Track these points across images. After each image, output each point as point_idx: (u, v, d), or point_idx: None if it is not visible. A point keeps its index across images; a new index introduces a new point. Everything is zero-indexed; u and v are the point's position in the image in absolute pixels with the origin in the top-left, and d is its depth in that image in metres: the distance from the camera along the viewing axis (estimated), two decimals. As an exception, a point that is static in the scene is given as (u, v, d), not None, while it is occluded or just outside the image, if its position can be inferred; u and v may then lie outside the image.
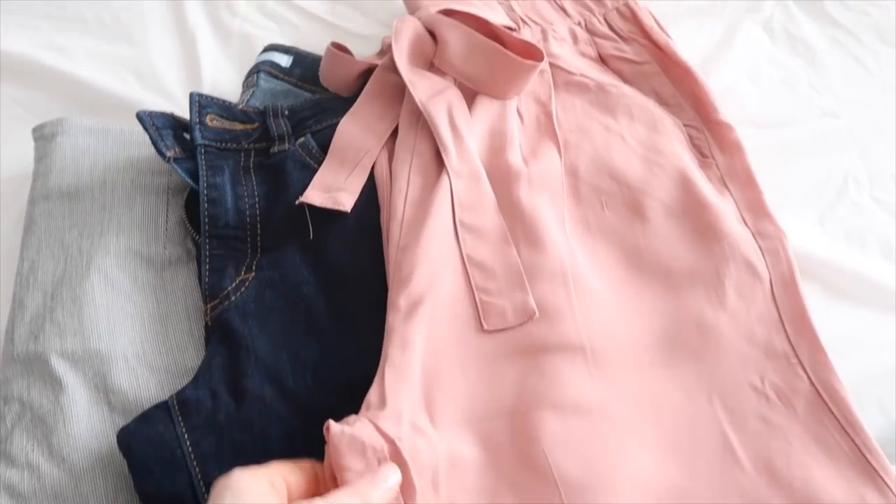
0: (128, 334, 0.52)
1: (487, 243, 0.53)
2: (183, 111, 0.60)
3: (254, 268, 0.53)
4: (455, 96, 0.58)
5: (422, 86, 0.57)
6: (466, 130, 0.56)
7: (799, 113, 0.65)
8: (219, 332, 0.51)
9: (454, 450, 0.46)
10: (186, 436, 0.46)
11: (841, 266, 0.57)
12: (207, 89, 0.69)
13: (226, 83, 0.70)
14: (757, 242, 0.55)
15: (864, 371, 0.55)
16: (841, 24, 0.70)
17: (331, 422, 0.42)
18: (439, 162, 0.56)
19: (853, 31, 0.70)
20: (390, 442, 0.43)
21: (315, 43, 0.72)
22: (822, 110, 0.65)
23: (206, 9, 0.75)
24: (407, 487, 0.43)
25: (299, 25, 0.74)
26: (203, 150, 0.55)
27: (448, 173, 0.54)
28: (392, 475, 0.41)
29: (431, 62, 0.60)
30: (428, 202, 0.53)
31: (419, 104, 0.56)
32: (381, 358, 0.48)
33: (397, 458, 0.42)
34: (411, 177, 0.55)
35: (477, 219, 0.54)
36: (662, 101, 0.63)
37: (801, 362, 0.51)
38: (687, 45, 0.65)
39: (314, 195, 0.54)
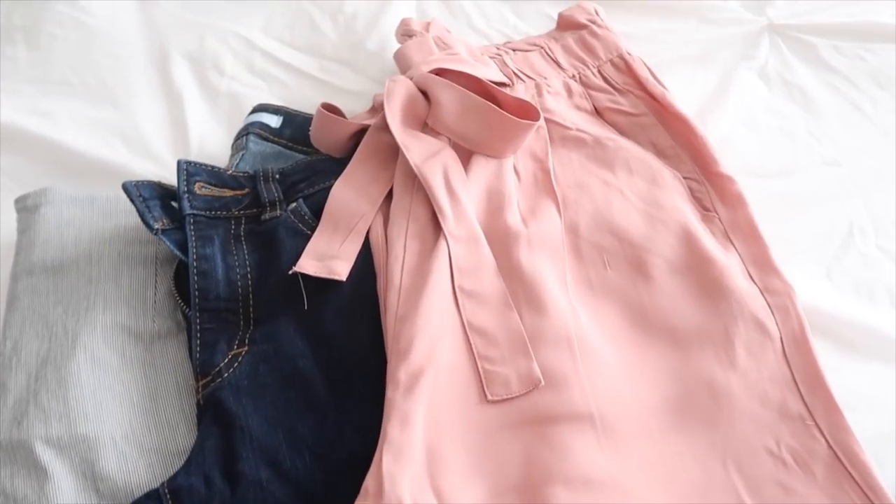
0: (116, 414, 0.51)
1: (488, 308, 0.52)
2: (171, 174, 0.60)
3: (247, 341, 0.52)
4: (450, 158, 0.57)
5: (416, 148, 0.57)
6: (463, 192, 0.56)
7: (799, 161, 0.65)
8: (211, 412, 0.49)
9: None
10: (180, 526, 0.45)
11: (850, 320, 0.57)
12: (195, 152, 0.69)
13: (214, 145, 0.70)
14: (765, 299, 0.54)
15: (878, 428, 0.54)
16: (836, 70, 0.71)
17: None
18: (436, 226, 0.55)
19: (849, 76, 0.70)
20: None
21: (305, 101, 0.72)
22: (822, 158, 0.65)
23: (192, 69, 0.75)
24: None
25: (288, 83, 0.75)
26: (192, 220, 0.55)
27: (446, 238, 0.54)
28: None
29: (425, 122, 0.60)
30: (426, 269, 0.53)
31: (414, 167, 0.56)
32: (380, 437, 0.46)
33: None
34: (408, 242, 0.54)
35: (477, 284, 0.53)
36: (661, 154, 0.63)
37: (816, 424, 0.50)
38: (681, 94, 0.65)
39: (308, 264, 0.53)
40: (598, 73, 0.68)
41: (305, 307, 0.53)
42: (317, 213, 0.58)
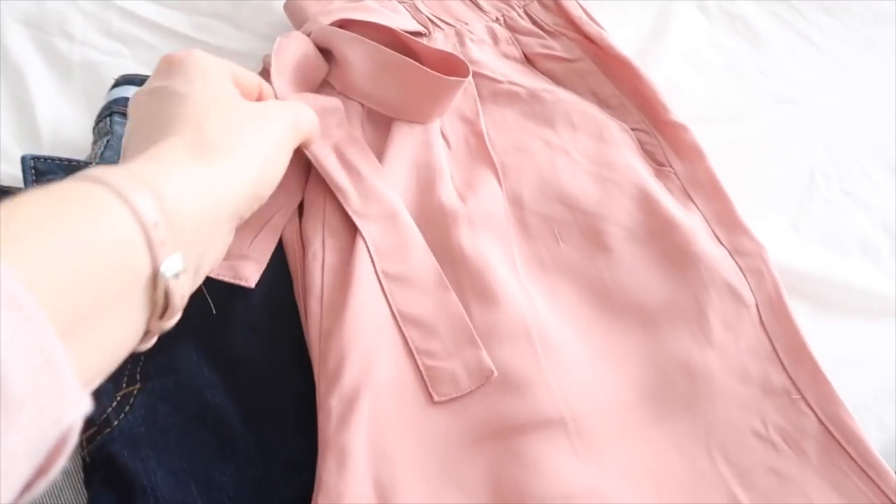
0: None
1: (421, 292, 0.46)
2: (18, 166, 0.49)
3: (138, 377, 0.44)
4: (341, 128, 0.49)
5: None
6: (365, 165, 0.48)
7: (750, 103, 0.61)
8: (102, 472, 0.41)
9: None
10: None
11: (823, 275, 0.54)
12: (48, 140, 0.58)
13: (71, 129, 0.59)
14: (735, 262, 0.50)
15: (861, 388, 0.52)
16: (781, -2, 0.66)
17: None
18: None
19: (794, 3, 0.66)
20: None
21: (179, 66, 0.62)
22: (774, 97, 0.61)
23: (32, 36, 0.63)
24: None
25: (156, 45, 0.64)
26: (50, 232, 0.44)
27: (354, 221, 0.46)
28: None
29: (326, 83, 0.51)
30: (348, 266, 0.45)
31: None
32: (315, 481, 0.40)
33: None
34: (326, 239, 0.47)
35: (402, 265, 0.46)
36: (603, 104, 0.57)
37: (803, 397, 0.46)
38: (616, 35, 0.59)
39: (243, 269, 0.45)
40: (525, 14, 0.61)
41: (213, 312, 0.44)
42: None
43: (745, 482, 0.44)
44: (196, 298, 0.44)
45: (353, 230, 0.47)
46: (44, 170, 0.46)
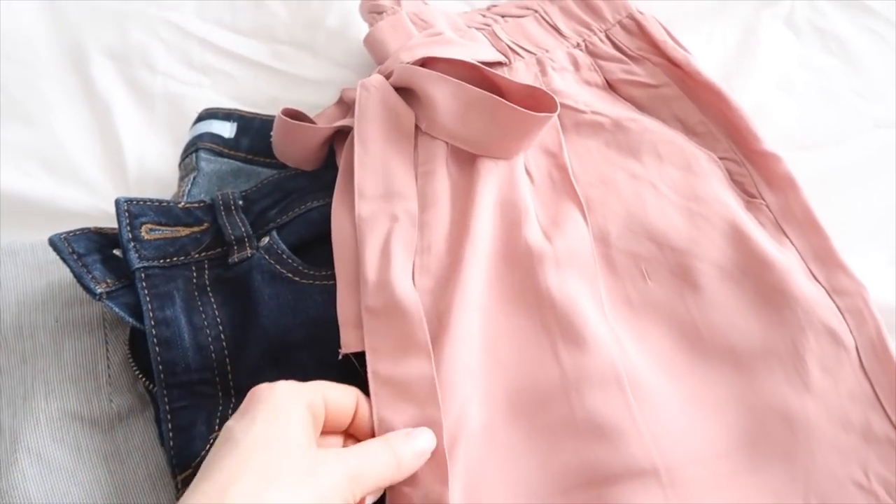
0: (78, 526, 0.43)
1: None
2: (108, 204, 0.51)
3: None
4: (407, 214, 0.49)
5: (372, 190, 0.49)
6: (401, 258, 0.47)
7: (846, 127, 0.59)
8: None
9: None
10: None
11: (929, 314, 0.51)
12: (134, 172, 0.60)
13: (155, 160, 0.61)
14: (834, 302, 0.48)
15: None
16: (875, 12, 0.64)
17: None
18: (454, 249, 0.48)
19: (891, 18, 0.63)
20: None
21: (259, 95, 0.64)
22: (872, 120, 0.59)
23: (117, 68, 0.65)
24: None
25: (236, 75, 0.65)
26: (143, 276, 0.46)
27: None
28: (425, 438, 0.41)
29: (417, 128, 0.51)
30: (446, 309, 0.45)
31: (357, 218, 0.48)
32: None
33: None
34: (416, 278, 0.47)
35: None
36: (690, 132, 0.56)
37: (908, 446, 0.45)
38: (700, 55, 0.58)
39: (353, 338, 0.45)
40: (607, 39, 0.60)
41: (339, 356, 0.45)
42: (294, 247, 0.50)
43: (846, 535, 0.43)
44: (283, 342, 0.46)
45: (452, 266, 0.47)
46: (136, 213, 0.48)
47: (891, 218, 0.55)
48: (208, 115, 0.58)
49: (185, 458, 0.43)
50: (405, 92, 0.52)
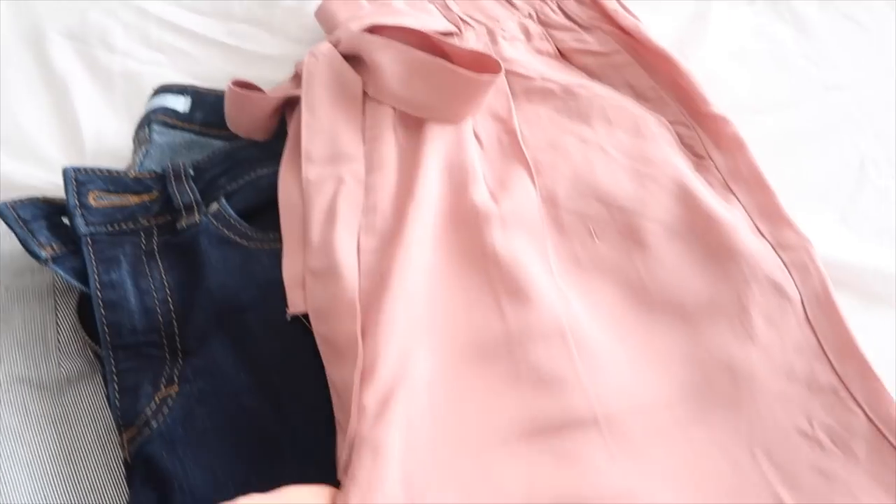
0: (26, 488, 0.44)
1: None
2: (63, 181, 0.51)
3: (176, 379, 0.45)
4: (353, 176, 0.50)
5: (319, 153, 0.50)
6: (350, 216, 0.49)
7: (797, 91, 0.60)
8: (142, 472, 0.43)
9: None
10: None
11: (874, 268, 0.52)
12: (91, 149, 0.60)
13: (113, 137, 0.61)
14: (779, 257, 0.49)
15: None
16: (825, -22, 0.65)
17: None
18: (399, 210, 0.48)
19: (841, -14, 0.65)
20: None
21: (217, 73, 0.64)
22: (822, 84, 0.60)
23: (75, 48, 0.66)
24: None
25: (193, 54, 0.66)
26: (90, 241, 0.47)
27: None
28: None
29: (364, 94, 0.52)
30: (389, 262, 0.46)
31: (304, 181, 0.49)
32: (347, 478, 0.41)
33: None
34: (361, 238, 0.48)
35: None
36: (641, 97, 0.57)
37: (852, 395, 0.46)
38: (654, 25, 0.59)
39: (299, 299, 0.46)
40: (559, 9, 0.61)
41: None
42: (243, 214, 0.50)
43: (790, 483, 0.44)
44: (231, 304, 0.47)
45: (397, 225, 0.48)
46: (84, 180, 0.49)
47: (841, 177, 0.56)
48: (163, 89, 0.59)
49: (130, 416, 0.44)
50: (353, 60, 0.53)
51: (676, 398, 0.46)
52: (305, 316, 0.46)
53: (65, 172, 0.48)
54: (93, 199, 0.48)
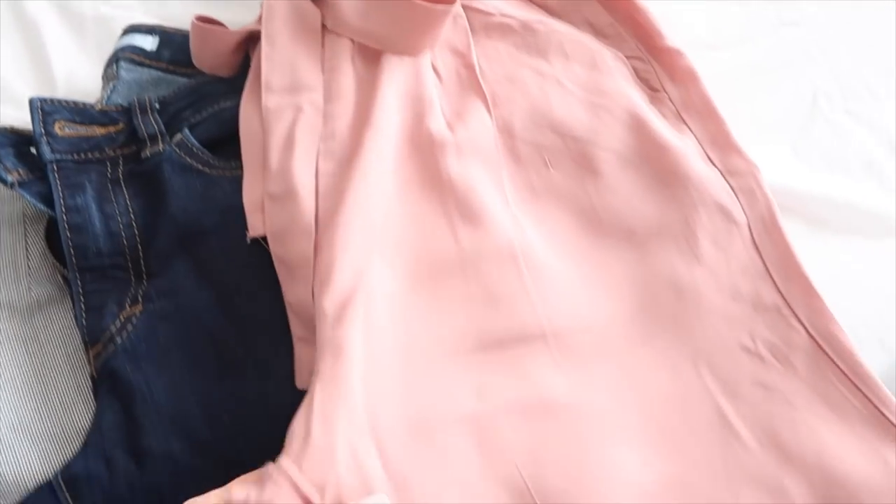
0: (-3, 403, 0.46)
1: None
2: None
3: (140, 299, 0.47)
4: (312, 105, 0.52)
5: (279, 83, 0.51)
6: (305, 144, 0.50)
7: (753, 26, 0.61)
8: (107, 384, 0.45)
9: (407, 476, 0.41)
10: (80, 521, 0.40)
11: (823, 195, 0.54)
12: (63, 91, 0.62)
13: (84, 79, 0.63)
14: (727, 182, 0.51)
15: (861, 307, 0.52)
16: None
17: (232, 490, 0.36)
18: (357, 137, 0.50)
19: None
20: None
21: (187, 18, 0.65)
22: (779, 19, 0.61)
23: (47, -8, 0.67)
24: None
25: (165, -1, 0.67)
26: (55, 167, 0.48)
27: None
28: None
29: (322, 29, 0.54)
30: (345, 176, 0.48)
31: (263, 109, 0.51)
32: (313, 376, 0.42)
33: None
34: (320, 163, 0.49)
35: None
36: (599, 34, 0.58)
37: (794, 312, 0.47)
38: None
39: (258, 222, 0.48)
40: (519, -52, 0.62)
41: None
42: (206, 143, 0.52)
43: (731, 394, 0.45)
44: (193, 228, 0.48)
45: (353, 151, 0.49)
46: (49, 111, 0.50)
47: (794, 111, 0.58)
48: (132, 29, 0.60)
49: (96, 334, 0.46)
50: None
51: (624, 317, 0.48)
52: (265, 238, 0.48)
53: (31, 102, 0.50)
54: (59, 129, 0.50)
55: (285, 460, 0.38)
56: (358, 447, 0.40)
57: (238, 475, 0.39)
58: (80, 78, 0.63)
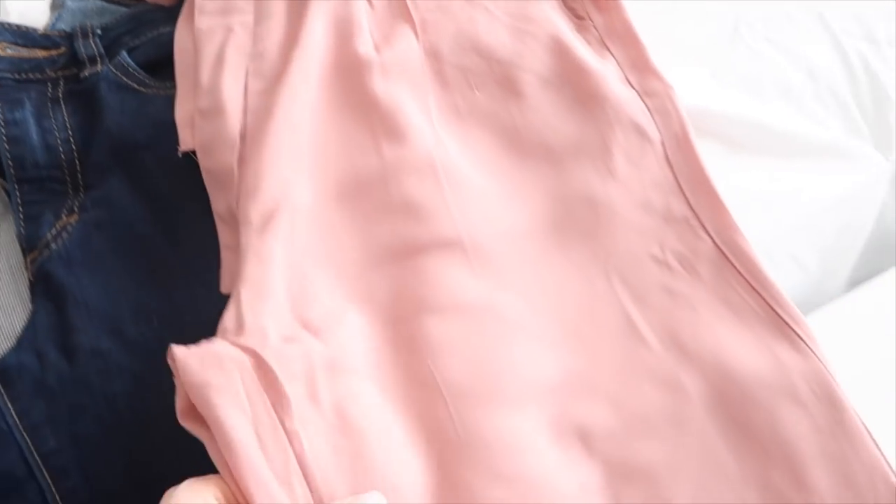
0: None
1: None
2: (-12, 52, 0.55)
3: (76, 210, 0.50)
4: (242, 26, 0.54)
5: (211, 6, 0.53)
6: (234, 63, 0.52)
7: (682, -41, 0.63)
8: (41, 287, 0.47)
9: (334, 356, 0.43)
10: (10, 406, 0.43)
11: (739, 116, 0.56)
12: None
13: (38, 13, 0.65)
14: (644, 103, 0.53)
15: (775, 225, 0.55)
16: None
17: (173, 346, 0.39)
18: (285, 56, 0.52)
19: None
20: (252, 353, 0.39)
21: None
22: (706, -48, 0.63)
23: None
24: (279, 399, 0.40)
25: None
26: (-5, 84, 0.51)
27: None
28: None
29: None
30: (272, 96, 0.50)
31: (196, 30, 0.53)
32: (237, 280, 0.44)
33: (262, 368, 0.39)
34: (249, 81, 0.51)
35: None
36: (529, -34, 0.60)
37: (702, 224, 0.49)
38: None
39: (189, 137, 0.50)
40: None
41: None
42: (144, 66, 0.54)
43: (639, 299, 0.48)
44: (127, 143, 0.50)
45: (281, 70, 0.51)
46: (-10, 31, 0.52)
47: (716, 38, 0.59)
48: (80, -38, 0.62)
49: (33, 241, 0.49)
50: None
51: (539, 227, 0.50)
52: (195, 153, 0.50)
53: (-28, 24, 0.52)
54: (1, 50, 0.52)
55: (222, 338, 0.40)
56: (286, 332, 0.43)
57: (168, 375, 0.41)
58: (33, 10, 0.65)
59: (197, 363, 0.38)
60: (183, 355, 0.38)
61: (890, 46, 0.58)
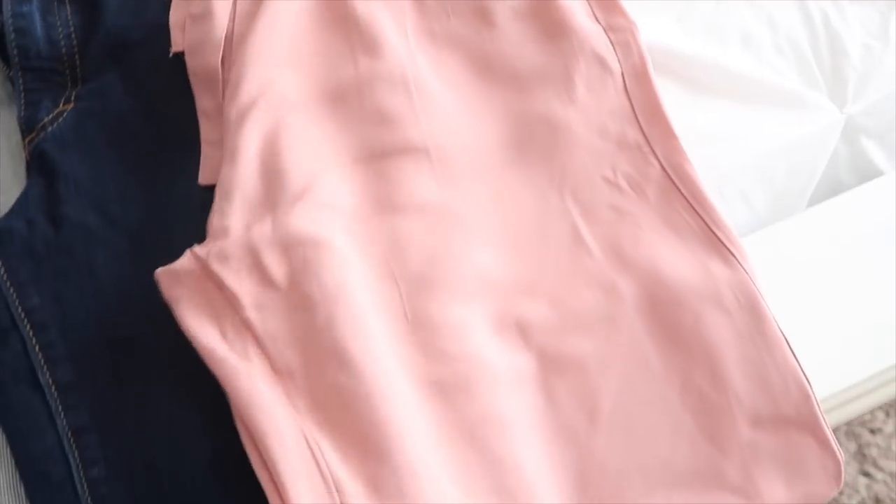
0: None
1: None
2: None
3: (73, 100, 0.54)
4: None
5: None
6: None
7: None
8: (36, 164, 0.51)
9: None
10: (0, 262, 0.47)
11: (700, 59, 0.59)
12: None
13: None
14: (608, 37, 0.56)
15: (727, 164, 0.58)
16: None
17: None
18: None
19: None
20: (201, 264, 0.45)
21: None
22: None
23: None
24: (232, 296, 0.44)
25: None
26: (4, -22, 0.55)
27: None
28: None
29: None
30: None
31: None
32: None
33: (210, 275, 0.45)
34: (240, 1, 0.55)
35: None
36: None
37: (653, 150, 0.53)
38: None
39: (181, 39, 0.54)
40: None
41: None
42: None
43: (588, 216, 0.51)
44: (124, 41, 0.54)
45: None
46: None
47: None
48: None
49: (32, 124, 0.53)
50: None
51: (500, 143, 0.54)
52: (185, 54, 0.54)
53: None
54: (11, -50, 0.56)
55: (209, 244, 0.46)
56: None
57: (149, 249, 0.46)
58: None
59: (167, 282, 0.45)
60: (158, 275, 0.45)
61: (850, 3, 0.61)
